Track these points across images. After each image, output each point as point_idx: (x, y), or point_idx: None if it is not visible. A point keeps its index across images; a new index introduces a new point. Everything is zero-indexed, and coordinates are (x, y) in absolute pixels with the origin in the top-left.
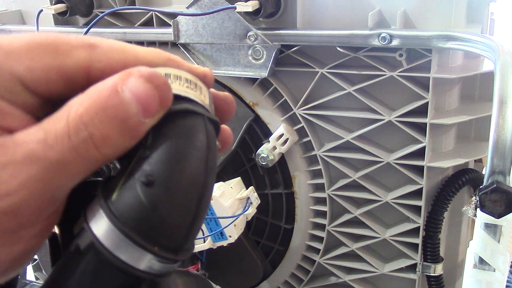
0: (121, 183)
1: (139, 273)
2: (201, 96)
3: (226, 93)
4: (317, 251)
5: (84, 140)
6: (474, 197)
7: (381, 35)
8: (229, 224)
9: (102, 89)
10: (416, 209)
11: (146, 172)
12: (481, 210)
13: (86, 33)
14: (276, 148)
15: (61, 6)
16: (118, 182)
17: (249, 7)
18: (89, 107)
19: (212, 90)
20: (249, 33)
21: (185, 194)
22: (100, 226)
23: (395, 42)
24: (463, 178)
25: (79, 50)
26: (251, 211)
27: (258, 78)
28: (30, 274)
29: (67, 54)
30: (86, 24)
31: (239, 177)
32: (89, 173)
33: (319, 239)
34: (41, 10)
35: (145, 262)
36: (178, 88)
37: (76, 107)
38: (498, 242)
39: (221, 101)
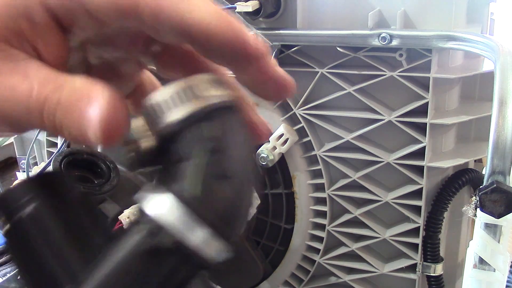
0: (196, 177)
1: (214, 264)
2: (234, 92)
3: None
4: (317, 251)
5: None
6: (474, 197)
7: (381, 35)
8: None
9: (76, 98)
10: (416, 209)
11: (222, 166)
12: (481, 210)
13: None
14: (276, 148)
15: None
16: (190, 178)
17: (249, 7)
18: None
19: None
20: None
21: (250, 185)
22: (182, 226)
23: (395, 42)
24: (463, 178)
25: None
26: (251, 211)
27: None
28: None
29: None
30: None
31: None
32: None
33: (319, 239)
34: None
35: (223, 254)
36: (221, 93)
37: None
38: (498, 242)
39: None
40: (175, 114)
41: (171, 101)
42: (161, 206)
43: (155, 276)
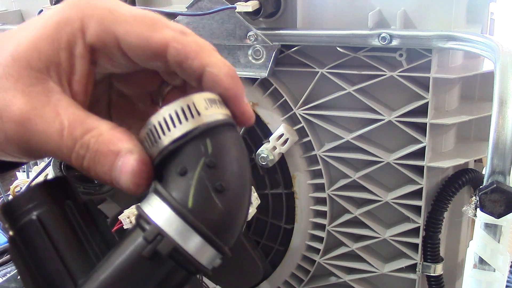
0: (193, 190)
1: (208, 272)
2: (227, 110)
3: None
4: (317, 251)
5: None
6: (474, 197)
7: (381, 35)
8: None
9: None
10: (416, 209)
11: (218, 180)
12: (481, 210)
13: None
14: (276, 148)
15: None
16: (188, 191)
17: (249, 7)
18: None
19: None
20: (249, 33)
21: (245, 197)
22: (180, 233)
23: (395, 42)
24: (463, 178)
25: (169, 30)
26: (251, 211)
27: (258, 78)
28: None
29: (159, 30)
30: None
31: None
32: None
33: (319, 239)
34: (41, 10)
35: (216, 261)
36: (217, 111)
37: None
38: (498, 242)
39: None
40: (177, 131)
41: (170, 121)
42: (161, 215)
43: (152, 279)
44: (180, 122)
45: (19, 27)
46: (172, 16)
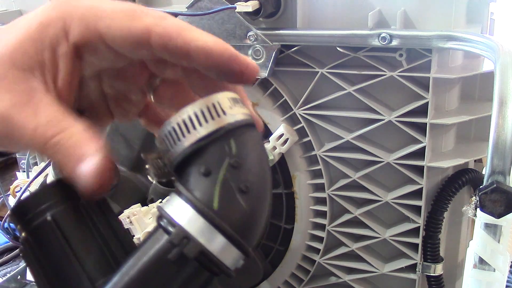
0: (218, 191)
1: (231, 273)
2: (248, 109)
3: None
4: (317, 251)
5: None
6: (474, 197)
7: (381, 35)
8: None
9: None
10: (416, 209)
11: (243, 181)
12: (481, 210)
13: None
14: (276, 148)
15: None
16: (212, 192)
17: (249, 7)
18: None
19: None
20: (249, 33)
21: (267, 198)
22: (205, 235)
23: (395, 42)
24: (463, 178)
25: (149, 18)
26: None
27: (258, 78)
28: (30, 274)
29: (138, 19)
30: None
31: None
32: None
33: (319, 239)
34: None
35: (239, 263)
36: (240, 111)
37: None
38: (498, 242)
39: None
40: (201, 130)
41: (196, 119)
42: (184, 216)
43: (176, 281)
44: (206, 121)
45: (5, 27)
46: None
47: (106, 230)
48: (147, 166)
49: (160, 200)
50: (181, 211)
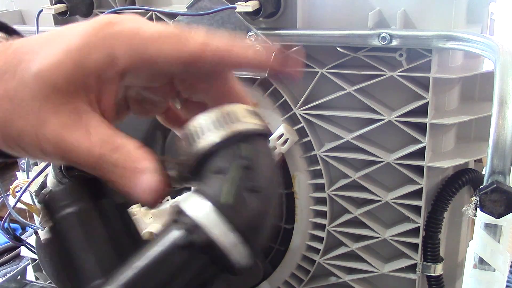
0: (227, 188)
1: (236, 272)
2: (262, 121)
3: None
4: (317, 251)
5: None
6: (474, 197)
7: (381, 35)
8: None
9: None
10: (416, 209)
11: (253, 181)
12: (481, 210)
13: None
14: (276, 148)
15: (61, 6)
16: (222, 187)
17: (249, 7)
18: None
19: None
20: (249, 33)
21: (275, 201)
22: (216, 228)
23: (395, 42)
24: (463, 178)
25: (199, 38)
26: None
27: (258, 78)
28: (30, 274)
29: (189, 41)
30: None
31: None
32: None
33: (319, 239)
34: (41, 10)
35: (247, 260)
36: (254, 121)
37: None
38: (498, 242)
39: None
40: (216, 134)
41: (214, 123)
42: (199, 209)
43: (186, 270)
44: (221, 126)
45: (37, 45)
46: (172, 16)
47: (121, 227)
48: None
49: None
50: (193, 204)
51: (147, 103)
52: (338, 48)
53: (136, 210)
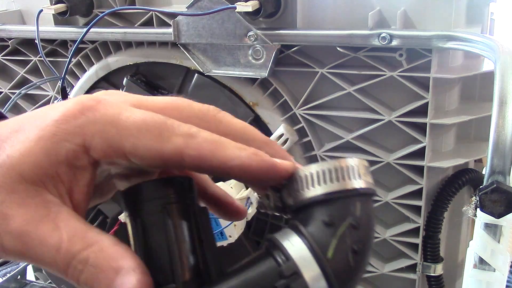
0: (334, 244)
1: None
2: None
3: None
4: None
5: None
6: (474, 197)
7: (381, 35)
8: (229, 224)
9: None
10: (416, 209)
11: (357, 242)
12: (481, 210)
13: (86, 33)
14: None
15: (61, 6)
16: (329, 242)
17: (249, 7)
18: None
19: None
20: (249, 33)
21: (367, 263)
22: (313, 277)
23: (395, 42)
24: (463, 178)
25: (178, 138)
26: (251, 211)
27: (258, 78)
28: (30, 274)
29: (167, 140)
30: (86, 24)
31: None
32: None
33: None
34: (41, 10)
35: None
36: (369, 180)
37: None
38: (498, 242)
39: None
40: (336, 185)
41: (335, 173)
42: (303, 257)
43: None
44: (343, 178)
45: (8, 131)
46: (172, 16)
47: (205, 238)
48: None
49: None
50: (296, 249)
51: (135, 176)
52: (338, 48)
53: None
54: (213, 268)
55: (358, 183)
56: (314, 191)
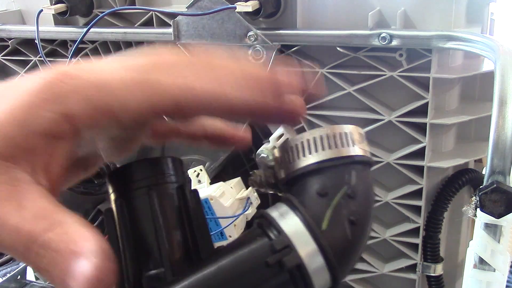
0: (329, 215)
1: None
2: (369, 148)
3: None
4: None
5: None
6: (474, 197)
7: (381, 35)
8: (229, 224)
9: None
10: (416, 209)
11: (354, 212)
12: (481, 210)
13: (86, 33)
14: (276, 148)
15: (61, 6)
16: (324, 213)
17: (249, 7)
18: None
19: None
20: (249, 33)
21: (368, 235)
22: (307, 251)
23: (395, 42)
24: (463, 178)
25: (173, 88)
26: (251, 211)
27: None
28: (30, 274)
29: (160, 91)
30: (86, 24)
31: (239, 177)
32: None
33: None
34: (41, 10)
35: (328, 286)
36: (365, 147)
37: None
38: (498, 242)
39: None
40: (328, 152)
41: (327, 140)
42: (296, 230)
43: (265, 286)
44: (336, 145)
45: None
46: (172, 16)
47: (195, 219)
48: (251, 175)
49: None
50: (288, 222)
51: (123, 144)
52: (338, 48)
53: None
54: (204, 248)
55: (353, 150)
56: (306, 160)
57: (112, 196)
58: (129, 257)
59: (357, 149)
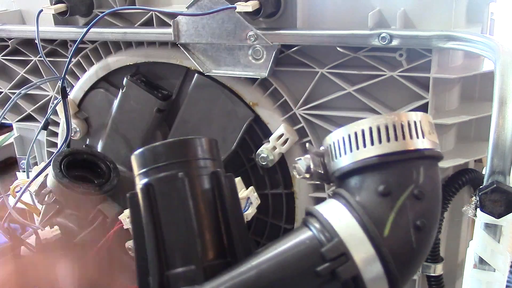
0: (392, 219)
1: None
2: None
3: None
4: None
5: None
6: (474, 197)
7: (381, 35)
8: None
9: None
10: None
11: (420, 216)
12: (481, 210)
13: (86, 33)
14: (276, 148)
15: (61, 6)
16: (386, 216)
17: (249, 7)
18: None
19: None
20: (249, 33)
21: (433, 240)
22: (365, 260)
23: (395, 42)
24: (463, 178)
25: None
26: (251, 211)
27: (258, 78)
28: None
29: None
30: (86, 24)
31: (239, 177)
32: None
33: None
34: (41, 10)
35: None
36: (435, 139)
37: None
38: (498, 242)
39: None
40: (393, 145)
41: (386, 131)
42: (349, 233)
43: None
44: (403, 137)
45: None
46: (172, 16)
47: (230, 212)
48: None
49: None
50: (344, 224)
51: None
52: (338, 48)
53: None
54: (240, 247)
55: (422, 143)
56: (365, 152)
57: (138, 179)
58: (153, 249)
59: (426, 142)
